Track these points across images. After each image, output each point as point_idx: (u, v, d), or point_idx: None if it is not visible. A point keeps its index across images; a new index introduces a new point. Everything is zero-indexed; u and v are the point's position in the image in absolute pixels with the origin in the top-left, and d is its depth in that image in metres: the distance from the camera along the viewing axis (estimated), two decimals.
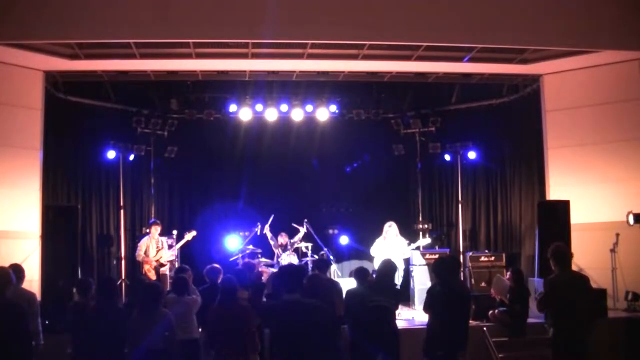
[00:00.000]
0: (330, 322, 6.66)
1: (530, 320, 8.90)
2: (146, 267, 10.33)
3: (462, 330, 6.06)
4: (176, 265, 10.91)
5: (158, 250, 10.43)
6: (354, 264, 11.30)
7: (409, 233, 11.90)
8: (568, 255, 5.95)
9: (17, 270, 6.33)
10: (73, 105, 11.57)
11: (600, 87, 10.60)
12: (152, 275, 10.29)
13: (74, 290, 8.56)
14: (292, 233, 11.58)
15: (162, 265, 10.45)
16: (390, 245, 10.38)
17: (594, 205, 10.43)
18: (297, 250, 11.52)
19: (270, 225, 11.55)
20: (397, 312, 7.28)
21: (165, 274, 10.55)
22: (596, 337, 6.04)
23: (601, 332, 6.53)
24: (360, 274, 6.99)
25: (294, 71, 11.11)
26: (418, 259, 10.91)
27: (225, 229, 12.11)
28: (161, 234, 10.92)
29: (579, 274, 6.05)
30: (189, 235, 10.91)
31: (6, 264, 6.00)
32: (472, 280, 11.10)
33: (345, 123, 13.14)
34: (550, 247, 6.17)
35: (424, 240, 11.18)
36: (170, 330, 5.72)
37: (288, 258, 11.14)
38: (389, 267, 6.85)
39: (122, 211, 12.27)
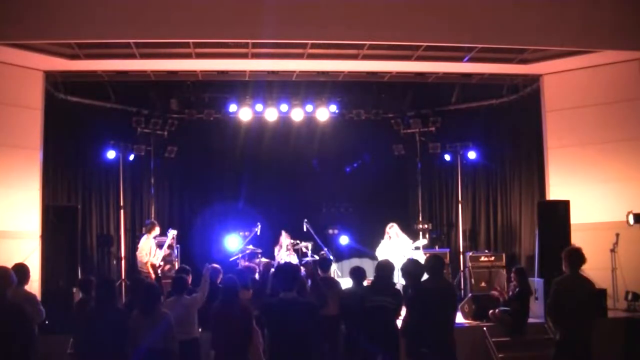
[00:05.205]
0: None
1: (530, 320, 8.91)
2: (153, 265, 10.25)
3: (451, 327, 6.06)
4: (176, 266, 10.90)
5: (155, 251, 10.39)
6: (354, 263, 11.29)
7: (409, 233, 11.89)
8: (580, 259, 6.03)
9: (21, 271, 6.32)
10: (73, 105, 11.57)
11: (600, 87, 10.60)
12: (152, 276, 10.24)
13: (74, 290, 8.59)
14: (293, 234, 11.57)
15: (158, 265, 10.42)
16: (397, 245, 10.40)
17: (594, 205, 10.43)
18: (297, 250, 11.52)
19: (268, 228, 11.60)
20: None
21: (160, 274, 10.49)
22: (596, 337, 6.06)
23: (601, 332, 6.54)
24: (356, 274, 6.98)
25: (294, 71, 11.11)
26: (419, 259, 10.89)
27: (225, 229, 12.10)
28: (160, 234, 10.88)
29: (584, 277, 6.10)
30: (170, 234, 10.79)
31: (6, 264, 5.99)
32: (472, 280, 11.12)
33: (345, 123, 13.15)
34: (566, 248, 6.27)
35: (422, 241, 11.19)
36: (169, 330, 5.72)
37: (288, 258, 11.13)
38: (387, 267, 6.84)
39: (122, 211, 12.28)
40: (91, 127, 11.83)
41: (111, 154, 11.90)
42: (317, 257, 11.15)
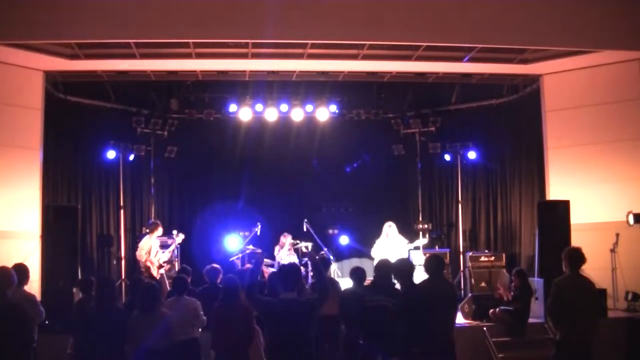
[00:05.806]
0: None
1: (530, 320, 8.91)
2: (147, 267, 10.26)
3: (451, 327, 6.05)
4: (176, 267, 10.89)
5: (157, 251, 10.39)
6: (354, 263, 11.29)
7: (409, 233, 11.91)
8: (580, 259, 6.03)
9: (21, 271, 6.32)
10: (73, 105, 11.58)
11: (600, 87, 10.60)
12: (155, 276, 10.22)
13: (74, 290, 8.59)
14: (293, 234, 11.57)
15: (160, 266, 10.41)
16: (393, 244, 10.40)
17: (594, 205, 10.43)
18: (297, 250, 11.52)
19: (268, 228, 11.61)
20: None
21: (163, 275, 10.49)
22: (596, 337, 6.06)
23: (601, 332, 6.54)
24: (356, 274, 6.98)
25: (294, 71, 11.11)
26: (418, 259, 10.91)
27: (225, 229, 12.10)
28: (163, 235, 10.87)
29: (584, 276, 6.10)
30: (178, 239, 10.81)
31: (6, 264, 5.99)
32: (472, 280, 11.11)
33: (345, 123, 13.15)
34: (566, 248, 6.26)
35: (422, 240, 11.20)
36: (169, 330, 5.72)
37: (288, 258, 11.14)
38: (386, 267, 6.83)
39: (122, 211, 12.27)
40: (91, 127, 11.85)
41: (111, 154, 11.89)
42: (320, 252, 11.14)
